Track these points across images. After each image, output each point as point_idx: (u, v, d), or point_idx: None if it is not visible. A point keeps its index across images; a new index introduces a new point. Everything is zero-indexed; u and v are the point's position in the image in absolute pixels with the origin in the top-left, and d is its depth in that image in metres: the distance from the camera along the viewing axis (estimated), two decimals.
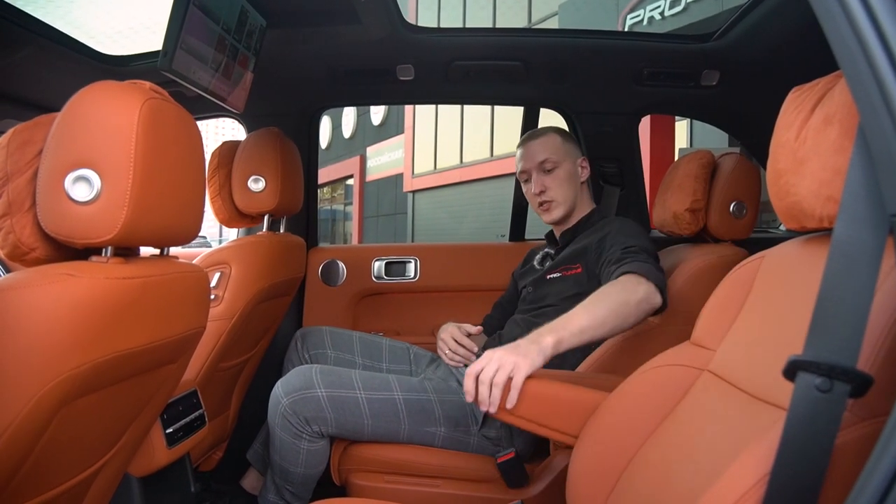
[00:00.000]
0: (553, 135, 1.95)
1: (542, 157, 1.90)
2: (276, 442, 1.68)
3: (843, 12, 0.62)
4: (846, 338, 0.63)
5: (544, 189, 1.90)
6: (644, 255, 1.60)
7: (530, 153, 1.93)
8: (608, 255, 1.66)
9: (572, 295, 1.72)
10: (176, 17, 1.39)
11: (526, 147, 1.96)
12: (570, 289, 1.76)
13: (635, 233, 1.73)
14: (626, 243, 1.65)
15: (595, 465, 1.21)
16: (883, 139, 0.60)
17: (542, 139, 1.94)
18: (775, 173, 0.91)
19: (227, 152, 1.95)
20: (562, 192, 1.90)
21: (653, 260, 1.61)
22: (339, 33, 1.92)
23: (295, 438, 1.66)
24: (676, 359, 1.20)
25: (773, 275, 1.06)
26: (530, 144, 1.95)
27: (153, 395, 1.20)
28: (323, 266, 2.41)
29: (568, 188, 1.91)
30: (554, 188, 1.90)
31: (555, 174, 1.90)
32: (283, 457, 1.68)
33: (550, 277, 1.84)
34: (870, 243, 0.63)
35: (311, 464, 1.69)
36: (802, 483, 0.64)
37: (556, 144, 1.92)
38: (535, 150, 1.92)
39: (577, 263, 1.79)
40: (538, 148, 1.92)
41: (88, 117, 0.91)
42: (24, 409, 0.84)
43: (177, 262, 1.12)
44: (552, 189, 1.90)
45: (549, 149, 1.91)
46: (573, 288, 1.75)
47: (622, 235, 1.70)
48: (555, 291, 1.80)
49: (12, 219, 0.93)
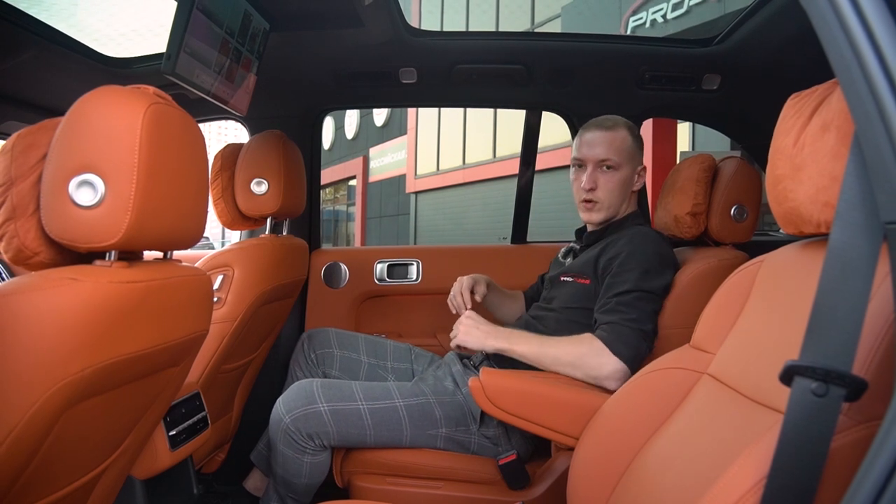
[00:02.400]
0: (624, 133, 1.80)
1: (604, 154, 1.77)
2: (278, 457, 1.68)
3: (838, 22, 0.62)
4: (841, 343, 0.63)
5: (595, 187, 1.78)
6: (629, 308, 1.58)
7: (593, 144, 1.79)
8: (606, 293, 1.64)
9: (576, 307, 1.74)
10: (180, 20, 1.39)
11: (591, 136, 1.80)
12: (575, 299, 1.74)
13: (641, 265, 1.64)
14: (619, 288, 1.61)
15: (596, 467, 1.22)
16: (877, 148, 0.61)
17: (611, 134, 1.79)
18: (774, 178, 0.92)
19: (230, 155, 1.96)
20: (610, 197, 1.79)
21: (635, 311, 1.58)
22: (342, 37, 1.93)
23: (298, 454, 1.66)
24: (676, 362, 1.21)
25: (772, 279, 1.06)
26: (597, 134, 1.80)
27: (156, 397, 1.20)
28: (325, 268, 2.42)
29: (618, 194, 1.80)
30: (604, 190, 1.79)
31: (610, 175, 1.78)
32: (286, 470, 1.68)
33: (563, 280, 1.82)
34: (865, 250, 0.64)
35: (314, 474, 1.69)
36: (799, 486, 0.64)
37: (624, 145, 1.79)
38: (599, 144, 1.78)
39: (587, 276, 1.74)
40: (605, 143, 1.78)
41: (92, 122, 0.92)
42: (29, 412, 0.84)
43: (180, 266, 1.13)
44: (602, 190, 1.79)
45: (615, 148, 1.78)
46: (579, 300, 1.73)
47: (624, 268, 1.64)
48: (562, 295, 1.79)
49: (16, 223, 0.94)
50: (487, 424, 1.71)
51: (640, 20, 9.19)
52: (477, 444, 1.71)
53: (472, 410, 1.70)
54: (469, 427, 1.71)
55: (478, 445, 1.71)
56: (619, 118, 1.85)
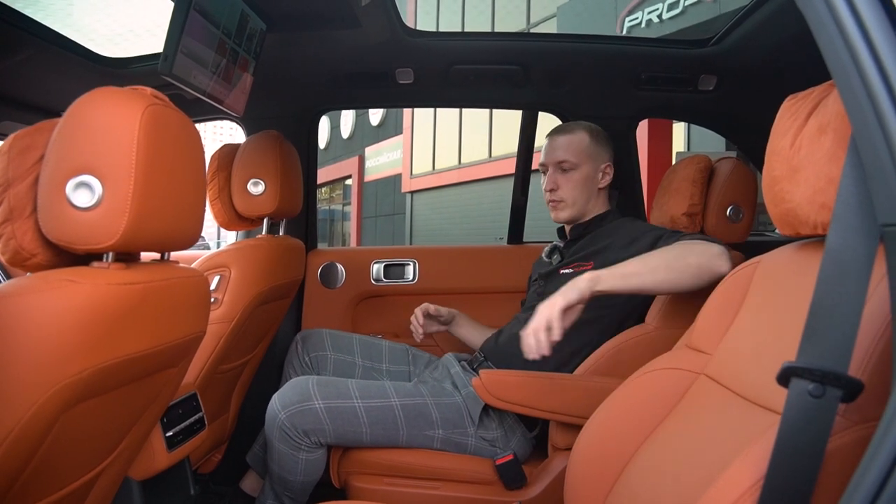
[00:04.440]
0: (582, 134, 1.91)
1: (561, 156, 1.88)
2: (274, 454, 1.68)
3: (834, 24, 0.63)
4: (838, 344, 0.64)
5: (555, 188, 1.89)
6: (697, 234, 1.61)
7: (552, 148, 1.91)
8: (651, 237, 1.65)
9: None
10: (177, 21, 1.39)
11: (551, 141, 1.93)
12: None
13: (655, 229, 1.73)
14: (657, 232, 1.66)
15: (593, 468, 1.22)
16: (874, 150, 0.61)
17: (567, 137, 1.90)
18: (771, 180, 0.93)
19: (227, 155, 1.95)
20: (572, 195, 1.88)
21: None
22: (338, 37, 1.93)
23: (293, 450, 1.66)
24: (673, 362, 1.21)
25: (769, 280, 1.07)
26: (556, 139, 1.92)
27: (154, 399, 1.20)
28: (322, 268, 2.42)
29: (580, 192, 1.88)
30: (565, 189, 1.88)
31: (569, 175, 1.88)
32: (281, 467, 1.68)
33: (563, 273, 1.83)
34: (861, 252, 0.64)
35: (309, 472, 1.69)
36: (796, 487, 0.65)
37: (581, 146, 1.89)
38: (557, 148, 1.89)
39: (590, 261, 1.77)
40: (561, 146, 1.89)
41: (90, 123, 0.92)
42: (27, 414, 0.84)
43: (177, 268, 1.13)
44: (563, 189, 1.88)
45: (572, 150, 1.88)
46: None
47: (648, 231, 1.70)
48: None
49: (13, 224, 0.93)
50: (486, 427, 1.71)
51: (635, 20, 9.20)
52: (474, 445, 1.71)
53: (471, 412, 1.70)
54: (467, 429, 1.71)
55: (475, 447, 1.71)
56: (580, 122, 1.96)
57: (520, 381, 1.64)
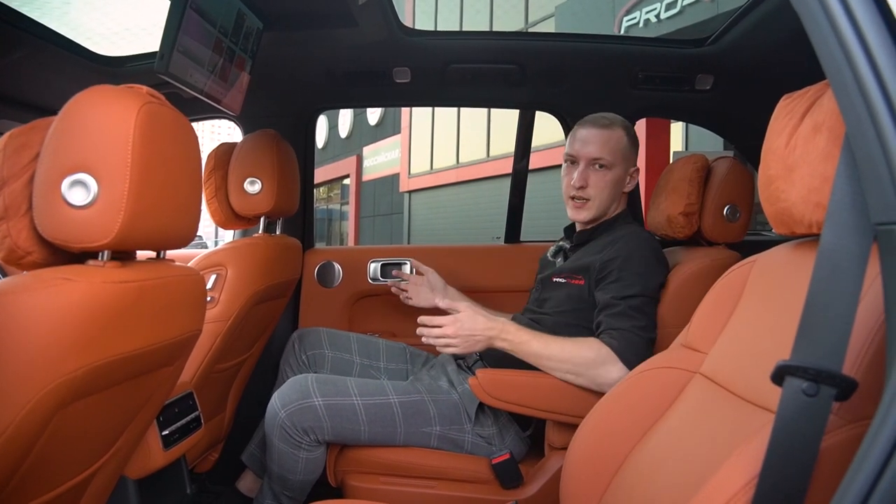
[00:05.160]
0: (621, 132, 1.80)
1: (597, 153, 1.77)
2: (274, 453, 1.68)
3: (829, 24, 0.63)
4: (832, 343, 0.64)
5: (585, 185, 1.78)
6: (640, 315, 1.60)
7: (586, 142, 1.79)
8: (610, 292, 1.64)
9: (569, 310, 1.75)
10: (173, 19, 1.39)
11: (588, 132, 1.80)
12: (569, 301, 1.76)
13: (642, 267, 1.67)
14: (627, 291, 1.62)
15: (588, 467, 1.22)
16: (867, 149, 0.61)
17: (606, 133, 1.79)
18: (766, 179, 0.93)
19: (224, 154, 1.95)
20: (601, 197, 1.79)
21: (645, 319, 1.60)
22: (336, 36, 1.93)
23: (294, 449, 1.66)
24: (669, 361, 1.21)
25: (764, 279, 1.07)
26: (594, 132, 1.79)
27: (149, 397, 1.20)
28: (319, 267, 2.42)
29: (608, 193, 1.79)
30: (596, 189, 1.78)
31: (602, 174, 1.78)
32: (281, 466, 1.68)
33: (556, 281, 1.82)
34: (855, 251, 0.64)
35: (309, 470, 1.69)
36: (790, 485, 0.65)
37: (619, 145, 1.79)
38: (593, 142, 1.78)
39: (581, 276, 1.74)
40: (598, 141, 1.78)
41: (85, 122, 0.91)
42: (21, 412, 0.84)
43: (173, 266, 1.13)
44: (593, 188, 1.78)
45: (609, 148, 1.78)
46: (572, 301, 1.75)
47: (628, 272, 1.65)
48: (555, 297, 1.80)
49: (8, 223, 0.93)
50: (482, 423, 1.71)
51: (633, 20, 9.21)
52: (471, 442, 1.71)
53: (467, 409, 1.70)
54: (463, 426, 1.71)
55: (472, 444, 1.71)
56: (616, 117, 1.85)
57: (516, 381, 1.64)
